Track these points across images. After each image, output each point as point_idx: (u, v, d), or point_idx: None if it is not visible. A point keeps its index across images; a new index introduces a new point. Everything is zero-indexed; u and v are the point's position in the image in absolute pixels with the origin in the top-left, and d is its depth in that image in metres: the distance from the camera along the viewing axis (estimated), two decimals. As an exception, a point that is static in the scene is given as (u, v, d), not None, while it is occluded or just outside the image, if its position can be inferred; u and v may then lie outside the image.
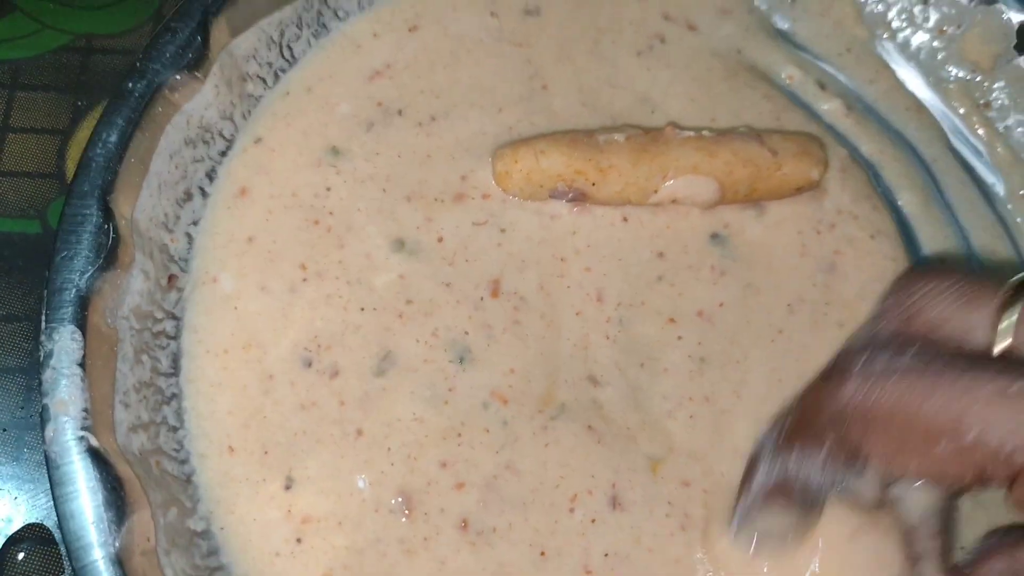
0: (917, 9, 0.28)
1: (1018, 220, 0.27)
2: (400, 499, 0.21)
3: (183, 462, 0.21)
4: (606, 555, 0.20)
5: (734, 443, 0.21)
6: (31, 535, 0.23)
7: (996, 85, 0.28)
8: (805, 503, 0.18)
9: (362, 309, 0.22)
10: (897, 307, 0.17)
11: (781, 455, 0.18)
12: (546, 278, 0.23)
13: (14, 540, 0.23)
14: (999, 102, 0.28)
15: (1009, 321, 0.16)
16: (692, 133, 0.23)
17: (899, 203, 0.26)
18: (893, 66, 0.28)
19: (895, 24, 0.29)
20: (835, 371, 0.17)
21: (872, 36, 0.29)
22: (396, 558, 0.20)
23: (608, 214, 0.24)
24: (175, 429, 0.21)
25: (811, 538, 0.19)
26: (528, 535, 0.21)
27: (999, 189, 0.28)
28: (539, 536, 0.21)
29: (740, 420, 0.22)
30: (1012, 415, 0.14)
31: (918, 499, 0.18)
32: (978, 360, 0.16)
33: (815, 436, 0.17)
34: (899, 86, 0.28)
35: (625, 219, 0.24)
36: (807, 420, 0.17)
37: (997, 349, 0.16)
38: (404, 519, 0.20)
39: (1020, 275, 0.17)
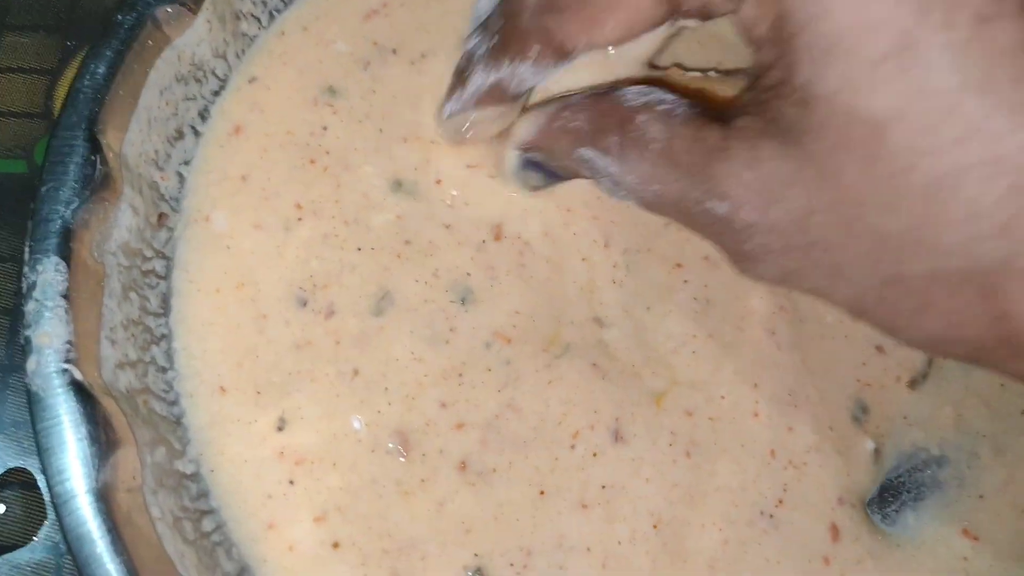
0: None
1: None
2: (397, 440, 0.20)
3: (172, 403, 0.20)
4: (603, 487, 0.20)
5: (736, 368, 0.21)
6: (14, 480, 0.23)
7: None
8: (517, 96, 0.19)
9: (359, 249, 0.22)
10: None
11: (493, 64, 0.19)
12: (551, 226, 0.22)
13: (-2, 487, 0.22)
14: None
15: None
16: (699, 74, 0.23)
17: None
18: None
19: None
20: None
21: None
22: (392, 499, 0.20)
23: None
24: (164, 370, 0.20)
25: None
26: (528, 474, 0.20)
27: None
28: (539, 474, 0.20)
29: (744, 347, 0.21)
30: None
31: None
32: None
33: (520, 46, 0.18)
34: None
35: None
36: (509, 33, 0.19)
37: None
38: (401, 459, 0.20)
39: None
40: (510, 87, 0.19)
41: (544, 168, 0.20)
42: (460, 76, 0.20)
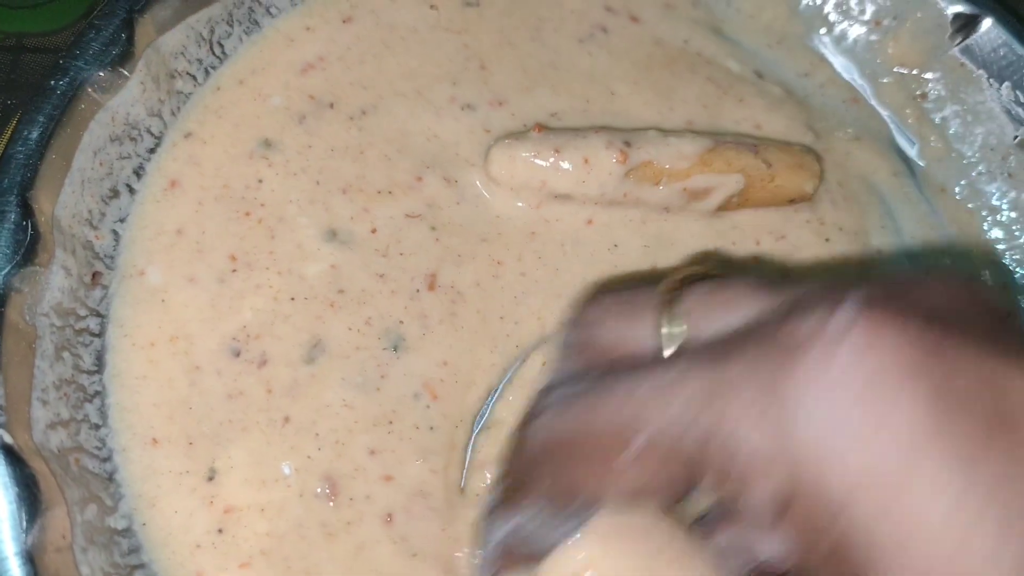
0: (854, 2, 0.29)
1: (943, 212, 0.28)
2: (326, 485, 0.21)
3: (105, 460, 0.21)
4: None
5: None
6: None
7: (932, 76, 0.29)
8: (531, 559, 0.17)
9: (292, 299, 0.22)
10: (576, 341, 0.17)
11: (500, 522, 0.17)
12: (482, 277, 0.23)
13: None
14: (935, 93, 0.29)
15: (668, 329, 0.15)
16: (676, 139, 0.23)
17: (834, 194, 0.27)
18: (830, 59, 0.29)
19: (832, 17, 0.29)
20: (527, 418, 0.16)
21: (808, 30, 0.29)
22: (315, 541, 0.20)
23: (574, 215, 0.24)
24: (97, 427, 0.21)
25: None
26: (446, 546, 0.20)
27: (930, 180, 0.28)
28: (454, 546, 0.20)
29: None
30: (665, 406, 0.14)
31: None
32: (646, 364, 0.15)
33: (533, 485, 0.16)
34: (836, 78, 0.29)
35: (590, 221, 0.24)
36: (518, 477, 0.17)
37: (666, 353, 0.15)
38: (330, 504, 0.21)
39: (667, 279, 0.16)
40: (522, 541, 0.16)
41: None
42: (482, 533, 0.18)
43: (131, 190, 0.23)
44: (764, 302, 0.14)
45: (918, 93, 0.28)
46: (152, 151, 0.24)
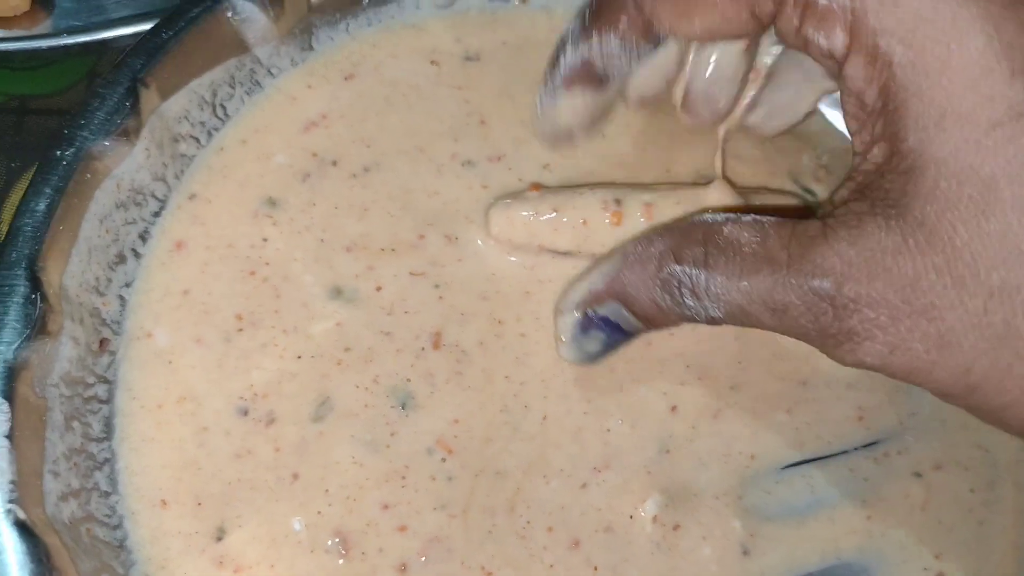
0: None
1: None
2: (337, 539, 0.21)
3: (115, 527, 0.21)
4: None
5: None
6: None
7: None
8: (604, 83, 0.20)
9: (299, 357, 0.23)
10: None
11: (583, 38, 0.20)
12: (486, 336, 0.23)
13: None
14: None
15: None
16: (663, 197, 0.23)
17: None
18: None
19: None
20: None
21: None
22: None
23: (574, 269, 0.24)
24: (107, 494, 0.21)
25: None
26: None
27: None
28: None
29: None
30: None
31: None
32: None
33: (610, 17, 0.19)
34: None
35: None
36: (603, 3, 0.19)
37: None
38: (341, 560, 0.21)
39: None
40: (599, 63, 0.20)
41: (608, 326, 0.20)
42: (552, 62, 0.21)
43: (136, 255, 0.24)
44: None
45: None
46: (156, 214, 0.24)
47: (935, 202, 0.15)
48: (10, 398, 0.19)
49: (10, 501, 0.19)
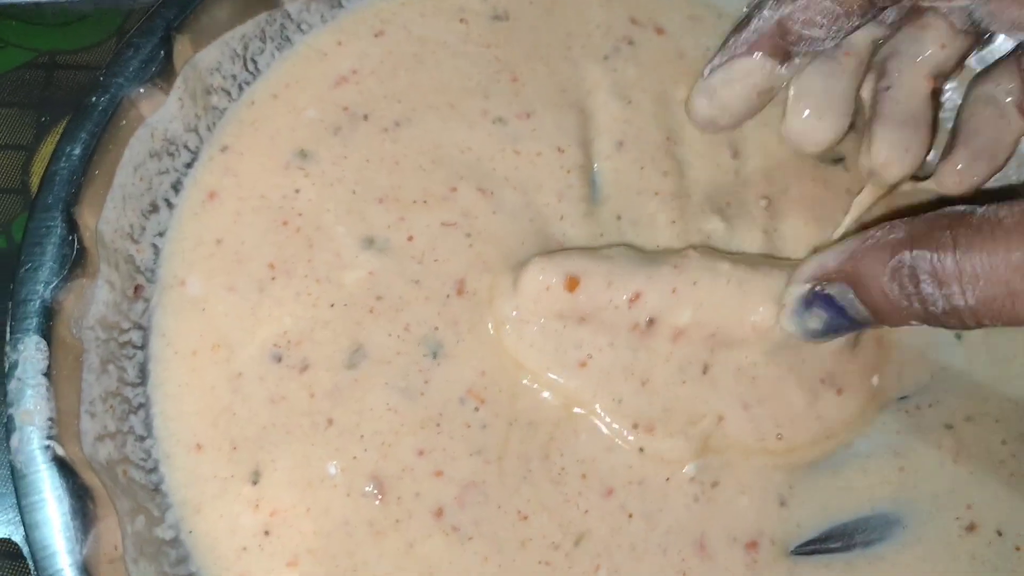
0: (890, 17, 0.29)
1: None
2: (373, 484, 0.21)
3: (151, 471, 0.21)
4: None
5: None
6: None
7: (948, 85, 0.27)
8: (790, 56, 0.19)
9: (332, 305, 0.23)
10: None
11: (781, 4, 0.19)
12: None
13: (-18, 557, 0.23)
14: (951, 102, 0.28)
15: None
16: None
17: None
18: None
19: None
20: None
21: None
22: (362, 539, 0.20)
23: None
24: (142, 438, 0.21)
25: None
26: (499, 541, 0.21)
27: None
28: (519, 530, 0.21)
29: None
30: None
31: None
32: None
33: None
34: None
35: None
36: None
37: None
38: (377, 503, 0.21)
39: None
40: (795, 29, 0.18)
41: (834, 307, 0.19)
42: (738, 27, 0.20)
43: (169, 204, 0.24)
44: None
45: None
46: (189, 165, 0.24)
47: None
48: (48, 337, 0.19)
49: (48, 437, 0.19)
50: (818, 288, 0.19)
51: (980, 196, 0.22)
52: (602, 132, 0.26)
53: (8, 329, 0.19)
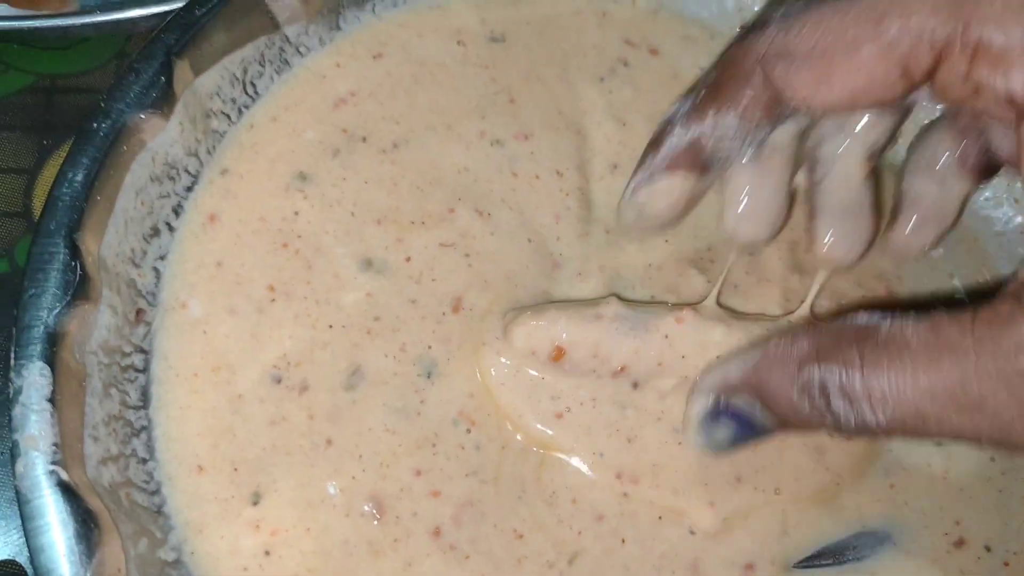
0: None
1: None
2: (371, 504, 0.21)
3: (153, 493, 0.21)
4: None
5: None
6: (4, 571, 0.23)
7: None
8: (708, 168, 0.19)
9: (330, 326, 0.23)
10: None
11: (696, 117, 0.18)
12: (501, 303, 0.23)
13: (-14, 578, 0.23)
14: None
15: None
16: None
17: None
18: None
19: None
20: (752, 29, 0.17)
21: None
22: (361, 558, 0.21)
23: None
24: (144, 461, 0.22)
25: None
26: (501, 546, 0.21)
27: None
28: (515, 548, 0.21)
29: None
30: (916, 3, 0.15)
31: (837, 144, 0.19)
32: None
33: (733, 91, 0.17)
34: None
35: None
36: (725, 78, 0.18)
37: None
38: (375, 523, 0.21)
39: None
40: (708, 146, 0.18)
41: (740, 419, 0.19)
42: (654, 143, 0.20)
43: (170, 228, 0.24)
44: None
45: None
46: (189, 189, 0.25)
47: None
48: (51, 363, 0.20)
49: (53, 462, 0.19)
50: (722, 400, 0.19)
51: (900, 305, 0.21)
52: (597, 153, 0.26)
53: (12, 355, 0.20)
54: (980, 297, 0.16)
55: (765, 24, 0.17)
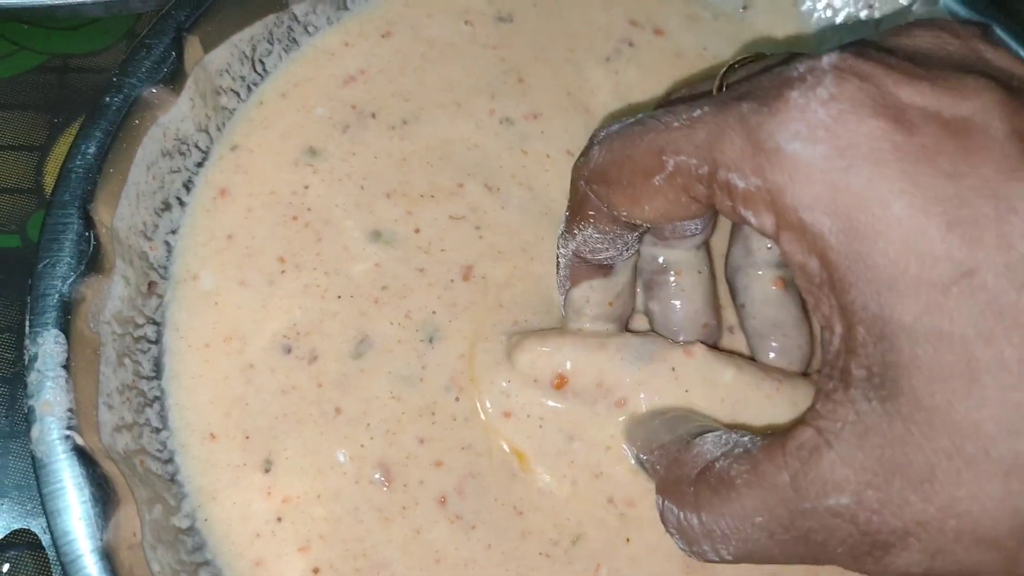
0: (863, 13, 0.30)
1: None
2: (380, 472, 0.21)
3: (166, 461, 0.21)
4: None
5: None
6: (19, 541, 0.23)
7: None
8: (607, 271, 0.21)
9: (339, 297, 0.23)
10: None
11: (568, 235, 0.21)
12: (518, 271, 0.24)
13: (1, 548, 0.23)
14: None
15: (717, 82, 0.19)
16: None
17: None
18: None
19: (843, 32, 0.31)
20: (588, 144, 0.19)
21: (819, 43, 0.30)
22: (371, 524, 0.21)
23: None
24: (158, 430, 0.22)
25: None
26: (499, 528, 0.21)
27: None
28: (517, 523, 0.21)
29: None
30: (691, 136, 0.16)
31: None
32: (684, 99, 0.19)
33: (581, 210, 0.19)
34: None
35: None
36: (571, 196, 0.20)
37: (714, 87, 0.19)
38: (384, 489, 0.21)
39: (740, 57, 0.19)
40: (588, 255, 0.20)
41: None
42: (556, 265, 0.22)
43: (181, 203, 0.24)
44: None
45: None
46: (200, 164, 0.25)
47: (919, 373, 0.14)
48: (66, 331, 0.20)
49: (68, 427, 0.19)
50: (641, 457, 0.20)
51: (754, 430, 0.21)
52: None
53: (27, 323, 0.20)
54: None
55: (590, 147, 0.19)
